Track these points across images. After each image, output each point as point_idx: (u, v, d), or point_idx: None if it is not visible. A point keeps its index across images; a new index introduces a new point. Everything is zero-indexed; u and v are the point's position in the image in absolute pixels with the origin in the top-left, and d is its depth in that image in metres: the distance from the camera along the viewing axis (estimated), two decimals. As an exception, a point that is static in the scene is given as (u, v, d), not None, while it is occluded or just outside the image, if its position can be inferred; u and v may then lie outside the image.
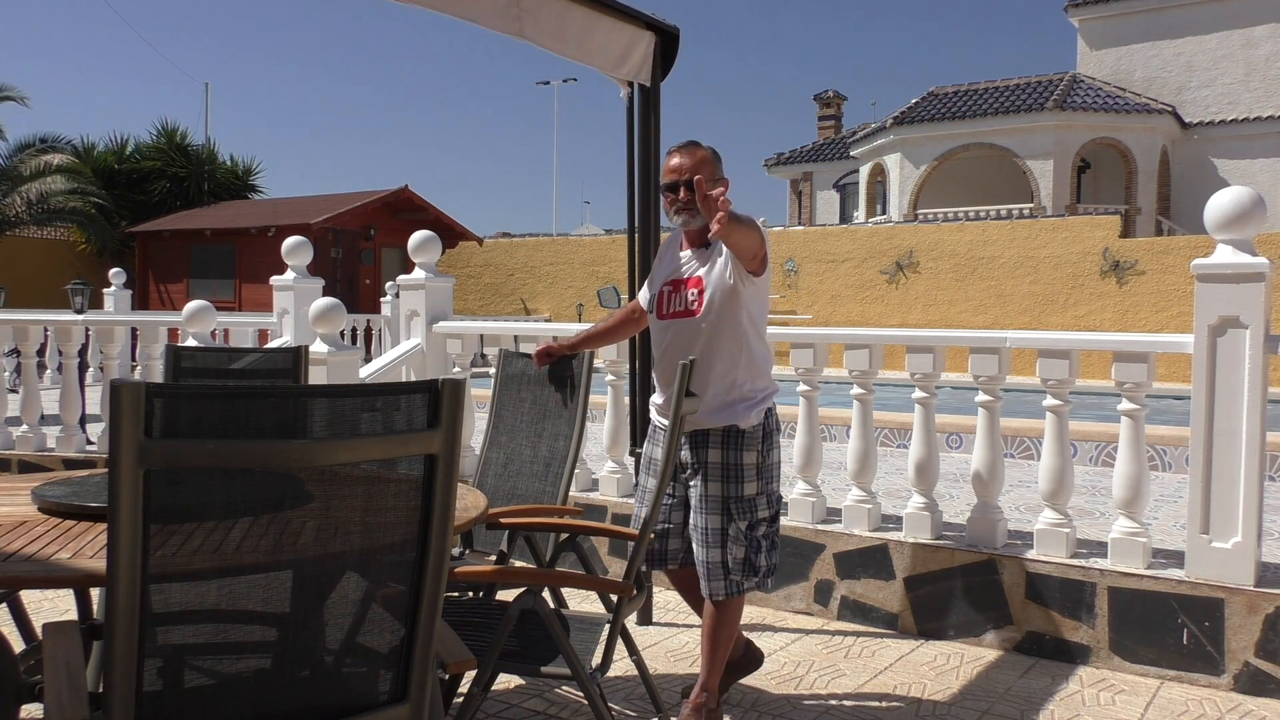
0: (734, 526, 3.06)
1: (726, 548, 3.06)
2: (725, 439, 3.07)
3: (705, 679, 3.14)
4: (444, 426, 1.67)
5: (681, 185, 3.07)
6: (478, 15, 3.42)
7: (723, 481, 3.07)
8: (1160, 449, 6.96)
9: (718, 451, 3.07)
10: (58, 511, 2.33)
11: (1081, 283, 17.09)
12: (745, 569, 3.09)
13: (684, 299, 3.12)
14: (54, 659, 1.81)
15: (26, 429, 6.42)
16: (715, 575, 3.07)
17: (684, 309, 3.11)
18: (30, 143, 21.23)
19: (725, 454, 3.07)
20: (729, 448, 3.07)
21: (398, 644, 1.74)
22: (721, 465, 3.07)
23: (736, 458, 3.07)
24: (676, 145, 3.17)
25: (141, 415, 1.42)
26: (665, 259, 3.30)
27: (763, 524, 3.12)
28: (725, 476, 3.06)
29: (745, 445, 3.08)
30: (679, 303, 3.13)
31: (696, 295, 3.08)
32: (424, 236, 5.90)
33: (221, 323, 7.53)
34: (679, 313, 3.12)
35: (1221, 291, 3.59)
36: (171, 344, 4.49)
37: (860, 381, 4.42)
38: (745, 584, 3.10)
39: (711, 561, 3.07)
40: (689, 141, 3.16)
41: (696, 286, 3.10)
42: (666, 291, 3.18)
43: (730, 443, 3.07)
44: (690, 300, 3.10)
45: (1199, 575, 3.66)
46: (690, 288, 3.11)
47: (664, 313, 3.18)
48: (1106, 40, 24.75)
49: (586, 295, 21.63)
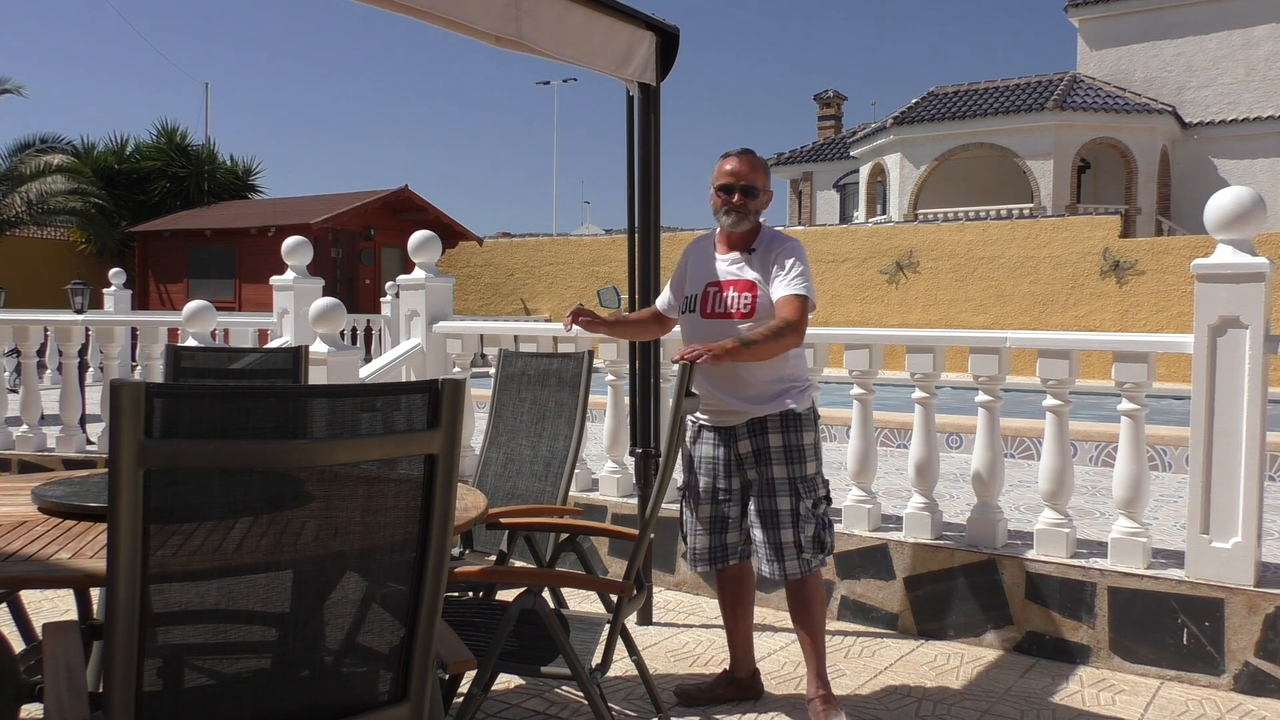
0: (802, 505, 3.18)
1: (798, 527, 3.17)
2: (784, 423, 3.20)
3: (818, 668, 3.26)
4: (444, 426, 1.67)
5: (739, 190, 3.22)
6: (474, 17, 3.40)
7: (787, 463, 3.18)
8: (1160, 449, 6.97)
9: (779, 435, 3.19)
10: (58, 511, 2.33)
11: (1081, 283, 17.09)
12: (815, 546, 3.21)
13: (734, 301, 3.22)
14: (54, 659, 1.81)
15: (26, 429, 6.42)
16: (789, 555, 3.17)
17: (735, 310, 3.21)
18: (30, 143, 21.25)
19: (786, 437, 3.19)
20: (789, 430, 3.20)
21: (398, 644, 1.74)
22: (784, 448, 3.19)
23: (797, 439, 3.20)
24: (734, 151, 3.30)
25: (141, 415, 1.42)
26: (698, 260, 3.38)
27: (823, 501, 3.27)
28: (789, 458, 3.19)
29: (804, 426, 3.23)
30: (728, 304, 3.22)
31: (749, 300, 3.19)
32: (424, 236, 5.90)
33: (221, 323, 7.53)
34: (729, 314, 3.21)
35: (1221, 291, 3.58)
36: (171, 344, 4.49)
37: (860, 381, 4.42)
38: (814, 561, 3.22)
39: (785, 542, 3.17)
40: (746, 149, 3.31)
41: (749, 291, 3.20)
42: (712, 292, 3.27)
43: (789, 426, 3.20)
44: (742, 304, 3.20)
45: (1199, 575, 3.66)
46: (740, 290, 3.22)
47: (709, 312, 3.26)
48: (1106, 40, 24.74)
49: (586, 295, 21.62)
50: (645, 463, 4.37)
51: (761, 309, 3.18)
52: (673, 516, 4.78)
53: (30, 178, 19.66)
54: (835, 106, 31.95)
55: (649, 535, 2.90)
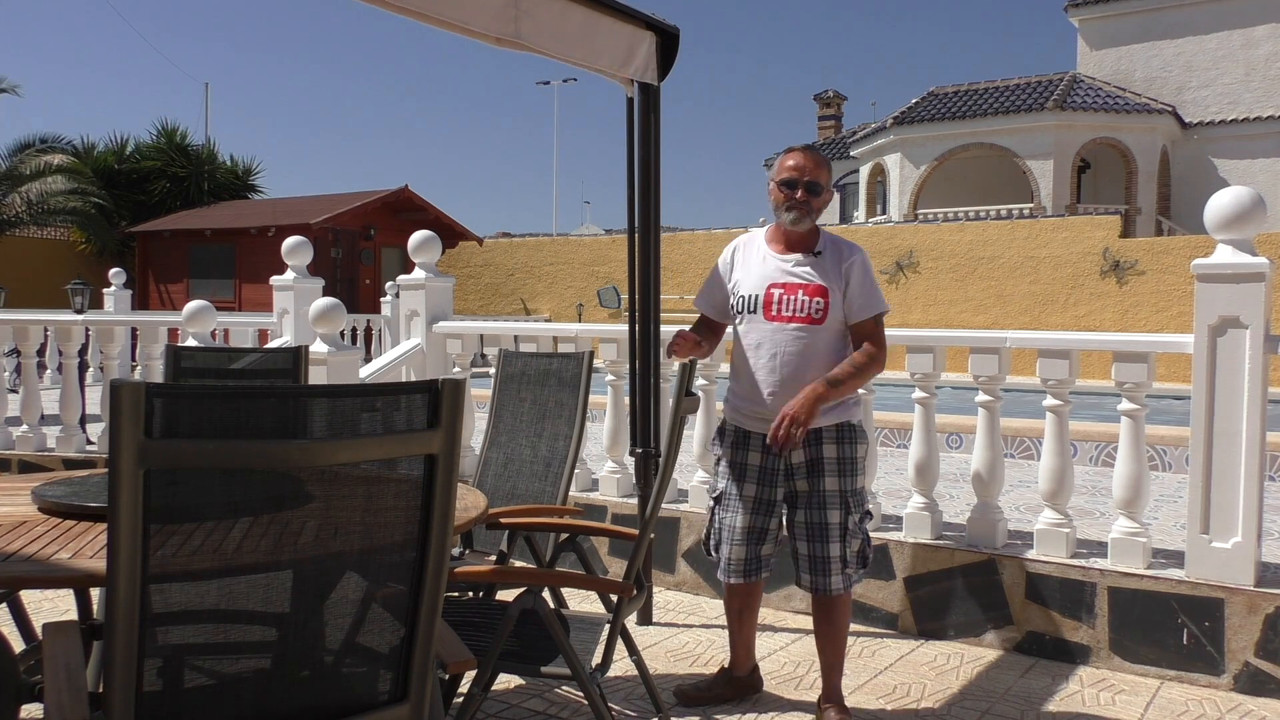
0: (850, 519, 3.12)
1: (845, 541, 3.11)
2: (840, 434, 3.14)
3: (836, 680, 3.23)
4: (444, 426, 1.67)
5: (802, 186, 3.13)
6: (472, 18, 3.39)
7: (839, 475, 3.12)
8: (1160, 449, 6.97)
9: (833, 447, 3.13)
10: (58, 511, 2.33)
11: (1081, 283, 17.09)
12: (858, 561, 3.16)
13: (805, 305, 3.11)
14: (54, 659, 1.81)
15: (26, 429, 6.42)
16: (835, 569, 3.10)
17: (806, 315, 3.11)
18: (30, 143, 21.25)
19: (841, 449, 3.13)
20: (844, 442, 3.14)
21: (398, 644, 1.74)
22: (837, 460, 3.13)
23: (851, 451, 3.15)
24: (797, 146, 3.22)
25: (141, 415, 1.42)
26: (751, 259, 3.26)
27: (867, 516, 3.22)
28: (841, 470, 3.12)
29: (857, 439, 3.18)
30: (798, 307, 3.12)
31: (822, 306, 3.11)
32: (424, 236, 5.90)
33: (221, 323, 7.53)
34: (799, 318, 3.11)
35: (1221, 291, 3.58)
36: (171, 344, 4.49)
37: (860, 381, 4.42)
38: (855, 576, 3.17)
39: (832, 557, 3.10)
40: (809, 145, 3.24)
41: (821, 296, 3.11)
42: (777, 294, 3.15)
43: (845, 437, 3.14)
44: (814, 309, 3.11)
45: (1199, 575, 3.66)
46: (811, 295, 3.12)
47: (776, 315, 3.14)
48: (1106, 40, 24.75)
49: (586, 295, 21.63)
50: (645, 463, 4.37)
51: (833, 317, 3.11)
52: (673, 516, 4.80)
53: (30, 178, 19.65)
54: (835, 106, 31.97)
55: (649, 535, 2.90)
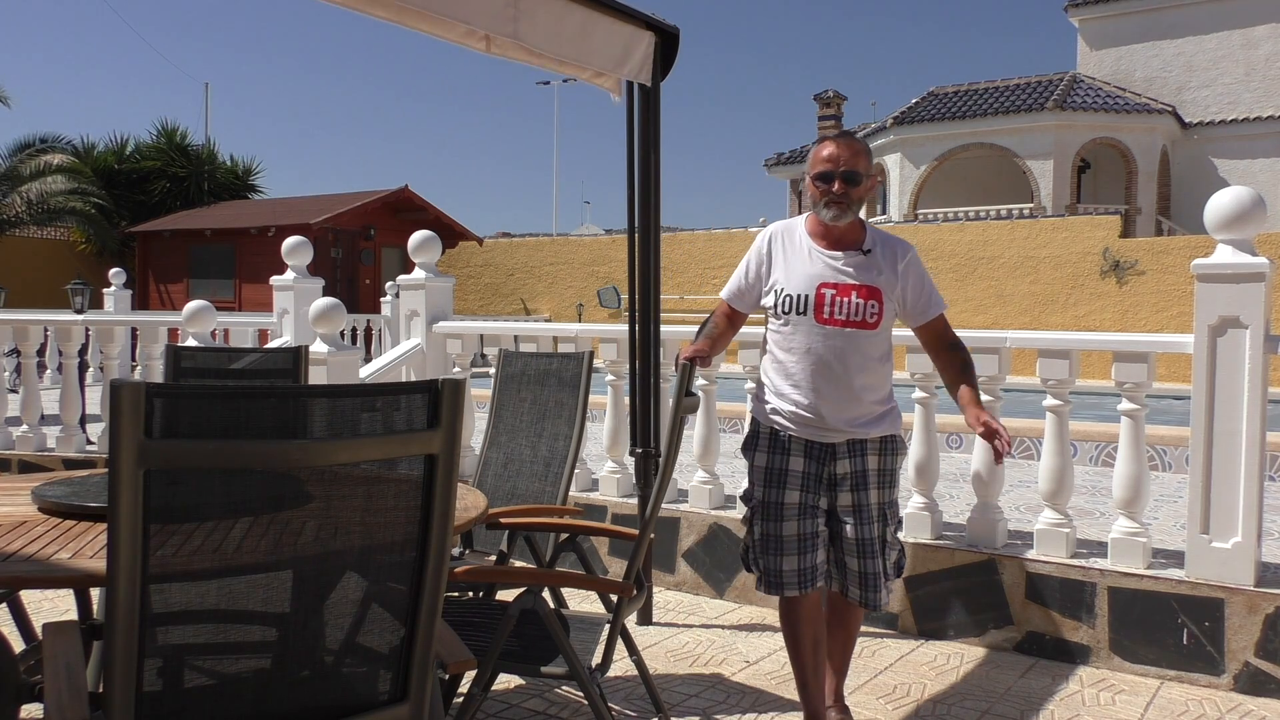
0: (888, 531, 3.03)
1: (885, 554, 3.02)
2: (883, 446, 3.02)
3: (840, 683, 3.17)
4: (444, 426, 1.67)
5: (839, 177, 2.92)
6: (472, 16, 3.39)
7: (879, 488, 3.01)
8: (1160, 449, 6.96)
9: (876, 458, 3.01)
10: (58, 511, 2.33)
11: (1081, 283, 17.09)
12: (895, 573, 3.08)
13: (860, 309, 2.93)
14: (54, 659, 1.81)
15: (26, 429, 6.42)
16: (877, 585, 3.00)
17: (860, 320, 2.93)
18: (30, 143, 21.24)
19: (883, 460, 3.02)
20: (886, 454, 3.03)
21: (398, 644, 1.74)
22: (879, 471, 3.01)
23: (893, 463, 3.05)
24: (831, 135, 3.01)
25: (141, 415, 1.42)
26: (793, 253, 3.03)
27: (900, 527, 3.15)
28: (882, 482, 3.02)
29: (899, 450, 3.08)
30: (852, 311, 2.93)
31: (876, 310, 2.94)
32: (424, 236, 5.90)
33: (221, 323, 7.53)
34: (854, 323, 2.93)
35: (1221, 291, 3.58)
36: (171, 344, 4.49)
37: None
38: (892, 587, 3.11)
39: (875, 572, 2.99)
40: (845, 132, 3.01)
41: (875, 299, 2.94)
42: (828, 295, 2.95)
43: (888, 449, 3.03)
44: (869, 313, 2.94)
45: (1199, 575, 3.66)
46: (865, 297, 2.94)
47: (829, 318, 2.95)
48: (1106, 40, 24.74)
49: (586, 295, 21.63)
50: (645, 463, 4.37)
51: (885, 322, 2.97)
52: (673, 516, 4.80)
53: (30, 178, 19.65)
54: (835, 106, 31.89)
55: (649, 535, 2.90)
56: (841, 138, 3.00)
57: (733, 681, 3.64)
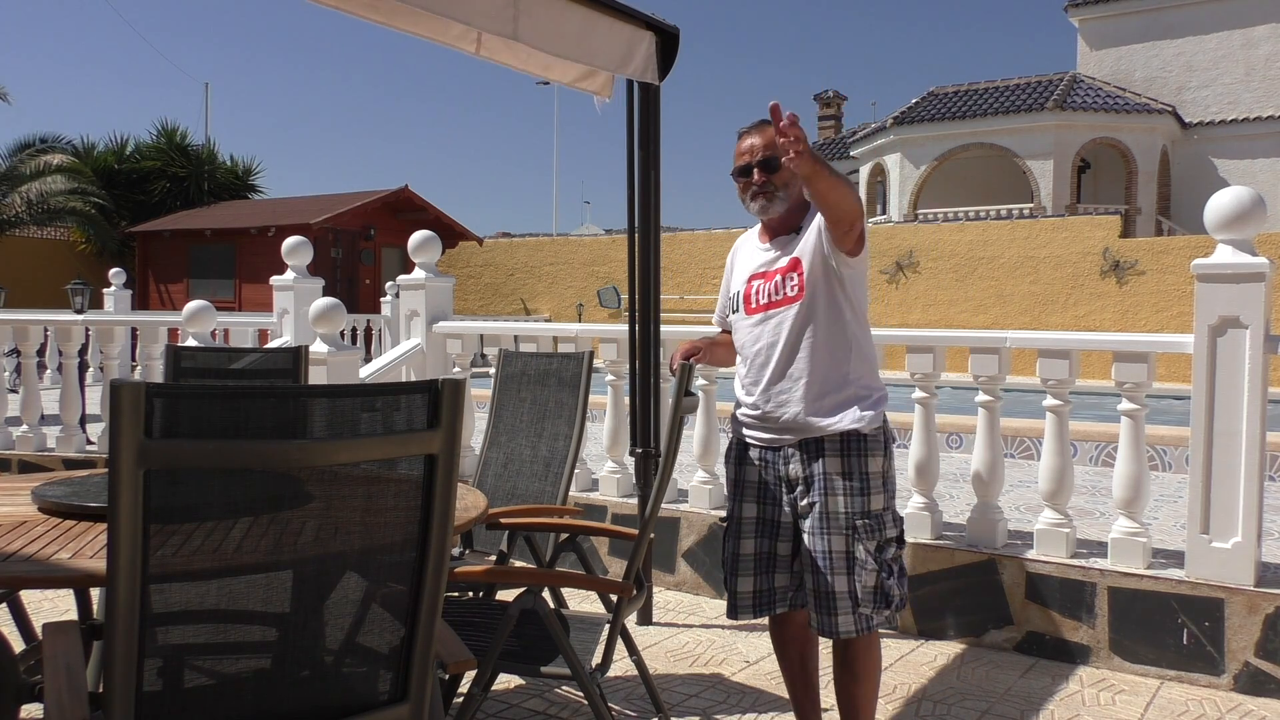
0: (860, 548, 2.59)
1: (854, 574, 2.59)
2: (845, 445, 2.62)
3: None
4: (444, 426, 1.67)
5: (755, 167, 2.69)
6: (472, 16, 3.39)
7: (845, 495, 2.60)
8: (1160, 449, 6.97)
9: (836, 460, 2.62)
10: (58, 511, 2.33)
11: (1081, 283, 17.09)
12: (877, 599, 2.60)
13: (779, 286, 2.69)
14: (54, 659, 1.81)
15: (26, 429, 6.42)
16: (841, 608, 2.59)
17: (781, 297, 2.68)
18: (30, 143, 21.27)
19: (845, 462, 2.62)
20: (850, 454, 2.62)
21: (398, 644, 1.74)
22: (842, 475, 2.61)
23: (860, 465, 2.62)
24: (747, 126, 2.77)
25: (141, 415, 1.42)
26: (742, 257, 2.89)
27: (892, 544, 2.65)
28: (848, 489, 2.61)
29: (869, 450, 2.63)
30: (773, 291, 2.70)
31: (796, 281, 2.65)
32: (424, 236, 5.90)
33: (221, 323, 7.54)
34: (775, 302, 2.69)
35: (1221, 291, 3.58)
36: (171, 344, 4.49)
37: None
38: (876, 618, 2.62)
39: (837, 591, 2.59)
40: (761, 121, 2.71)
41: (793, 270, 2.66)
42: (756, 285, 2.75)
43: (851, 448, 2.62)
44: (789, 286, 2.66)
45: (1199, 575, 3.66)
46: (785, 273, 2.69)
47: (755, 306, 2.75)
48: (1106, 40, 24.75)
49: (586, 295, 21.64)
50: (645, 463, 4.37)
51: (813, 289, 2.63)
52: (673, 516, 4.80)
53: (30, 178, 19.66)
54: (835, 106, 31.94)
55: (649, 535, 2.90)
56: (756, 126, 2.74)
57: (733, 681, 3.64)
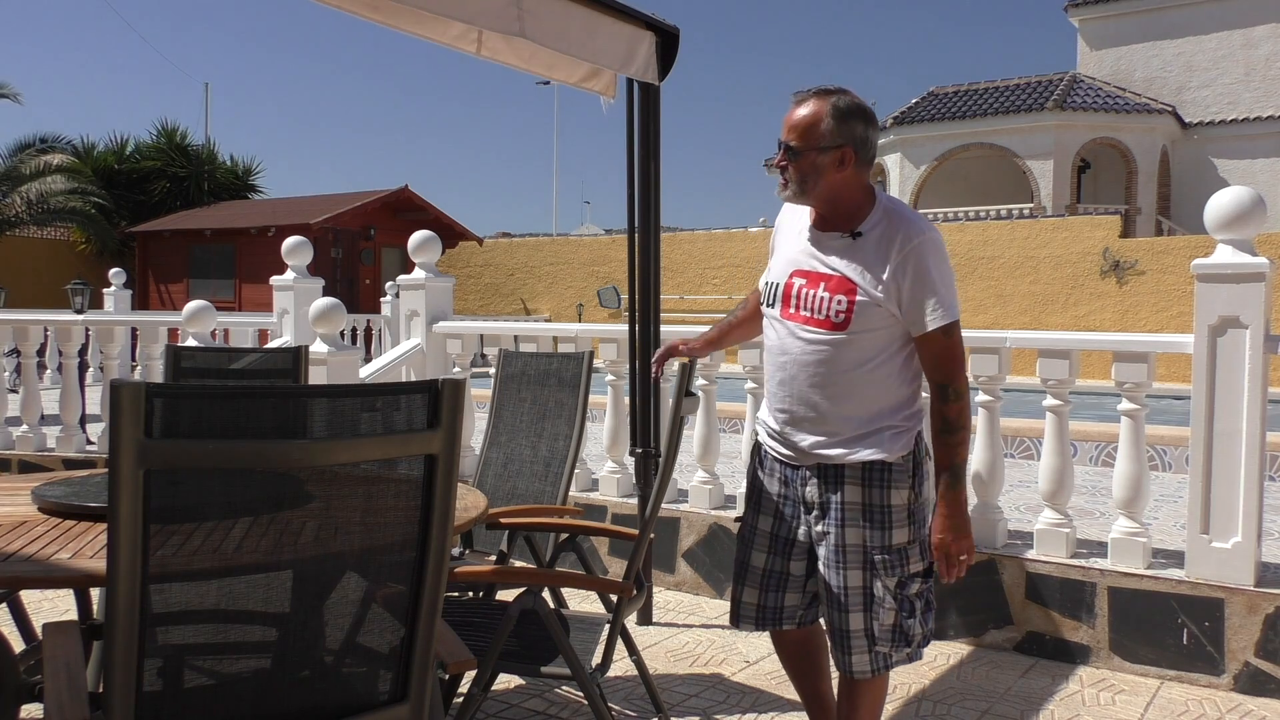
0: (879, 584, 2.40)
1: (871, 611, 2.40)
2: (867, 475, 2.40)
3: None
4: (444, 426, 1.67)
5: (780, 145, 2.38)
6: (475, 16, 3.40)
7: (864, 527, 2.39)
8: (1160, 449, 6.97)
9: (856, 489, 2.40)
10: (58, 511, 2.33)
11: (1081, 283, 17.09)
12: (895, 638, 2.42)
13: (824, 304, 2.37)
14: (54, 659, 1.81)
15: (26, 429, 6.42)
16: (857, 647, 2.42)
17: (824, 318, 2.36)
18: (30, 143, 21.25)
19: (867, 492, 2.40)
20: (872, 484, 2.40)
21: (398, 644, 1.74)
22: (862, 506, 2.40)
23: (882, 497, 2.39)
24: (799, 92, 2.39)
25: (141, 415, 1.42)
26: (788, 233, 2.54)
27: (916, 580, 2.43)
28: (868, 521, 2.39)
29: (893, 481, 2.39)
30: (816, 307, 2.38)
31: (845, 308, 2.34)
32: (424, 236, 5.90)
33: (221, 323, 7.53)
34: (815, 320, 2.38)
35: (1221, 291, 3.58)
36: (171, 344, 4.49)
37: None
38: (895, 657, 2.44)
39: (852, 629, 2.41)
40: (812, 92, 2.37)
41: (843, 293, 2.34)
42: (798, 286, 2.42)
43: (873, 478, 2.40)
44: (834, 310, 2.35)
45: (1199, 575, 3.66)
46: (833, 292, 2.36)
47: (793, 313, 2.43)
48: (1106, 40, 24.75)
49: (586, 295, 21.63)
50: (645, 463, 4.37)
51: (860, 324, 2.33)
52: (673, 516, 4.80)
53: (30, 178, 19.65)
54: (835, 106, 31.90)
55: (649, 535, 2.90)
56: (799, 96, 2.39)
57: (733, 681, 3.64)
